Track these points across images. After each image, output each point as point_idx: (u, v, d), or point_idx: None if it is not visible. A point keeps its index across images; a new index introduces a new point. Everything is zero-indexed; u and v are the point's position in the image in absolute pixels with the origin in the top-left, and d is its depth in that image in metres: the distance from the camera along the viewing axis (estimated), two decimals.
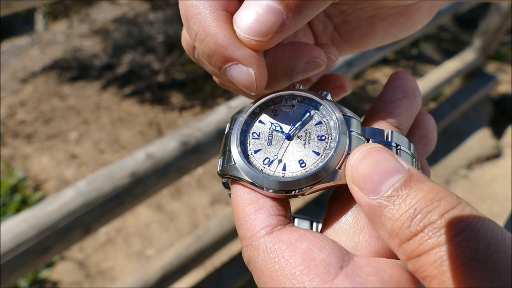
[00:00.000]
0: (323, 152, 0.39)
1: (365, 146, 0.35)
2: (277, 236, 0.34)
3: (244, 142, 0.41)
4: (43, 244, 1.37)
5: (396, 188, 0.31)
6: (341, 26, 0.53)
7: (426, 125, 0.45)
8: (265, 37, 0.36)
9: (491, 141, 3.41)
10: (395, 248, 0.31)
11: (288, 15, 0.35)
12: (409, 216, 0.30)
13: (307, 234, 0.34)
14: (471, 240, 0.28)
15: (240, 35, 0.36)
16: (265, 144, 0.40)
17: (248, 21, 0.36)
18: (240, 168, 0.38)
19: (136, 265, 2.80)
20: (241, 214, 0.37)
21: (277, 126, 0.41)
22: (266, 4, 0.35)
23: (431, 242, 0.29)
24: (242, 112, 0.42)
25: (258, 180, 0.37)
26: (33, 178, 3.55)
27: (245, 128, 0.41)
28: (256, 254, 0.34)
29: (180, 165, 1.65)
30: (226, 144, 0.41)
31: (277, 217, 0.36)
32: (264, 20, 0.35)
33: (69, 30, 5.68)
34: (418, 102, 0.43)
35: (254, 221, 0.36)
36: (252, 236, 0.35)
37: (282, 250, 0.33)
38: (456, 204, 0.30)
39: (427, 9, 0.51)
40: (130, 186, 1.50)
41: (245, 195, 0.38)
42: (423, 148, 0.45)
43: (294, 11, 0.35)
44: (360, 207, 0.34)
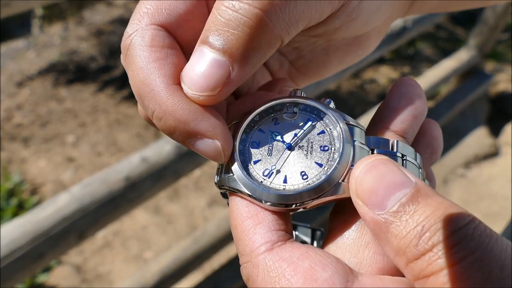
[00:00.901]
0: (326, 164, 0.37)
1: (370, 158, 0.33)
2: (277, 254, 0.33)
3: (243, 152, 0.39)
4: (37, 250, 1.36)
5: (403, 203, 0.30)
6: (296, 61, 0.53)
7: (431, 133, 0.44)
8: (214, 91, 0.35)
9: (488, 140, 3.41)
10: (402, 266, 0.30)
11: (233, 66, 0.35)
12: (417, 233, 0.29)
13: (309, 251, 0.33)
14: (484, 261, 0.26)
15: (188, 92, 0.36)
16: (265, 154, 0.38)
17: (194, 77, 0.35)
18: (239, 180, 0.37)
19: (134, 268, 2.80)
20: (239, 228, 0.35)
21: (278, 135, 0.39)
22: (210, 58, 0.35)
23: (440, 263, 0.27)
24: (242, 120, 0.40)
25: (257, 193, 0.36)
26: (30, 182, 3.54)
27: (244, 137, 0.39)
28: (255, 272, 0.33)
29: (175, 168, 1.64)
30: None
31: (277, 232, 0.35)
32: (210, 74, 0.35)
33: (65, 33, 5.67)
34: (423, 110, 0.41)
35: (254, 236, 0.34)
36: (251, 252, 0.34)
37: (283, 269, 0.32)
38: (468, 222, 0.28)
39: (376, 35, 0.52)
40: (125, 190, 1.49)
41: (244, 208, 0.36)
42: (429, 157, 0.43)
43: (239, 61, 0.35)
44: (365, 222, 0.32)
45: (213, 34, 0.35)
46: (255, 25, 0.34)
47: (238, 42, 0.34)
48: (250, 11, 0.33)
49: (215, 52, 0.35)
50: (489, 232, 0.28)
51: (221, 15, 0.34)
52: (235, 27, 0.34)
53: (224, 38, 0.34)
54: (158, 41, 0.37)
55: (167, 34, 0.38)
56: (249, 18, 0.33)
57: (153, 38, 0.37)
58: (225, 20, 0.34)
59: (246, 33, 0.34)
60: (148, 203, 3.16)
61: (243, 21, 0.33)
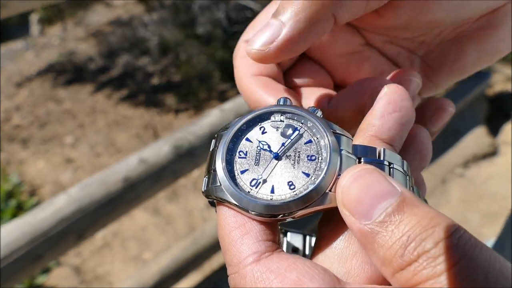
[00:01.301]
0: (313, 174, 0.37)
1: (357, 167, 0.34)
2: (265, 265, 0.33)
3: (230, 162, 0.38)
4: (36, 252, 1.37)
5: (389, 213, 0.30)
6: (427, 56, 0.52)
7: (420, 139, 0.43)
8: (264, 46, 0.40)
9: (487, 139, 3.42)
10: (389, 276, 0.30)
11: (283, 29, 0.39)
12: (403, 244, 0.29)
13: (297, 262, 0.33)
14: (468, 272, 0.27)
15: (250, 52, 0.41)
16: (252, 164, 0.38)
17: (252, 36, 0.42)
18: (226, 190, 0.36)
19: (133, 269, 2.80)
20: (227, 238, 0.35)
21: (265, 145, 0.39)
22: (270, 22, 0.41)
23: (425, 273, 0.27)
24: (228, 129, 0.40)
25: (244, 203, 0.35)
26: (29, 183, 3.54)
27: (231, 146, 0.39)
28: (242, 283, 0.33)
29: (173, 169, 1.64)
30: (211, 162, 0.39)
31: (265, 242, 0.35)
32: (263, 33, 0.40)
33: (64, 34, 5.67)
34: (410, 116, 0.41)
35: (241, 247, 0.34)
36: (238, 263, 0.34)
37: (270, 280, 0.32)
38: (453, 231, 0.28)
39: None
40: (123, 191, 1.50)
41: (231, 218, 0.36)
42: (418, 163, 0.43)
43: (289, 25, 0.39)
44: (352, 232, 0.32)
45: (279, 8, 0.41)
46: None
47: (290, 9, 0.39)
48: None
49: (273, 18, 0.40)
50: (474, 242, 0.28)
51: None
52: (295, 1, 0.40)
53: (286, 9, 0.40)
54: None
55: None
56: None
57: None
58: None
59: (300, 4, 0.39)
60: (147, 204, 3.16)
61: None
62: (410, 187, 0.39)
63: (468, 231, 0.29)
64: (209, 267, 2.65)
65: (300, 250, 0.48)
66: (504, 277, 0.27)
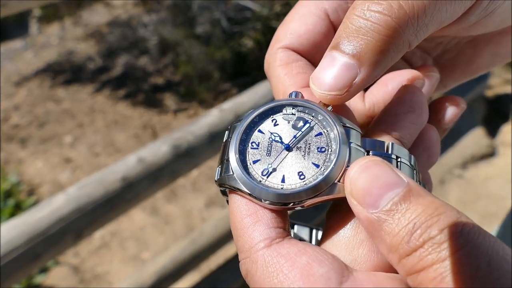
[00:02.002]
0: (322, 165, 0.38)
1: (364, 159, 0.35)
2: (275, 250, 0.34)
3: (243, 152, 0.40)
4: (34, 251, 1.36)
5: (395, 202, 0.31)
6: (442, 57, 0.53)
7: (429, 138, 0.44)
8: (341, 91, 0.38)
9: (485, 140, 3.42)
10: (395, 263, 0.31)
11: (361, 69, 0.37)
12: (409, 231, 0.30)
13: (306, 248, 0.34)
14: (472, 257, 0.28)
15: (316, 92, 0.39)
16: (264, 154, 0.40)
17: (323, 78, 0.38)
18: (238, 179, 0.38)
19: (132, 269, 2.79)
20: (239, 225, 0.36)
21: (277, 136, 0.40)
22: (340, 62, 0.37)
23: (431, 258, 0.28)
24: (241, 120, 0.41)
25: (256, 192, 0.37)
26: (27, 183, 3.53)
27: (244, 137, 0.41)
28: (254, 267, 0.34)
29: (172, 169, 1.64)
30: (225, 153, 0.41)
31: (275, 229, 0.36)
32: (338, 75, 0.37)
33: (63, 33, 5.67)
34: (424, 118, 0.42)
35: (253, 233, 0.35)
36: (250, 248, 0.35)
37: (281, 264, 0.33)
38: (456, 219, 0.29)
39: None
40: (122, 190, 1.50)
41: (243, 206, 0.37)
42: (426, 161, 0.44)
43: (367, 65, 0.37)
44: (359, 221, 0.33)
45: (344, 41, 0.37)
46: (384, 31, 0.36)
47: (367, 47, 0.36)
48: (381, 18, 0.36)
49: (344, 56, 0.37)
50: (477, 229, 0.29)
51: (352, 23, 0.37)
52: (365, 33, 0.36)
53: (354, 44, 0.37)
54: (284, 59, 0.47)
55: (292, 52, 0.47)
56: (379, 24, 0.36)
57: (281, 59, 0.47)
58: (356, 27, 0.37)
59: (376, 38, 0.36)
60: (145, 204, 3.16)
61: (373, 27, 0.36)
62: (418, 181, 0.40)
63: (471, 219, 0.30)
64: (207, 267, 2.64)
65: (307, 240, 0.49)
66: (507, 263, 0.28)
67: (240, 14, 4.50)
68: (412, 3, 0.35)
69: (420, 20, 0.36)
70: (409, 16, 0.35)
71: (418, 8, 0.35)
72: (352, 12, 0.37)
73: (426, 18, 0.36)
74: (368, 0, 0.37)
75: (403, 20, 0.35)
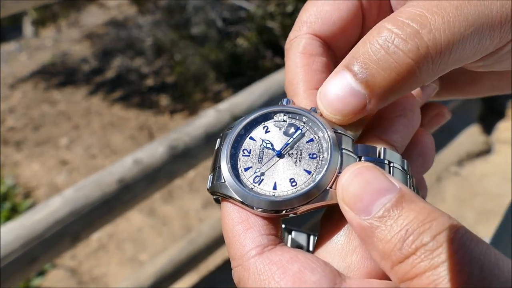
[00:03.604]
0: (314, 171, 0.38)
1: (356, 165, 0.35)
2: (267, 257, 0.34)
3: (234, 159, 0.40)
4: (30, 254, 1.36)
5: (388, 208, 0.31)
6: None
7: (423, 142, 0.44)
8: (345, 117, 0.38)
9: (481, 137, 3.43)
10: (387, 270, 0.31)
11: (370, 100, 0.37)
12: (401, 237, 0.30)
13: (299, 255, 0.34)
14: (464, 264, 0.28)
15: (323, 111, 0.39)
16: (255, 161, 0.40)
17: (331, 99, 0.38)
18: (230, 186, 0.38)
19: (129, 270, 2.79)
20: (230, 233, 0.36)
21: (268, 143, 0.40)
22: (350, 86, 0.37)
23: (423, 265, 0.28)
24: (233, 128, 0.41)
25: (248, 199, 0.37)
26: (23, 186, 3.52)
27: (236, 145, 0.41)
28: (246, 275, 0.34)
29: (169, 170, 1.64)
30: (216, 160, 0.41)
31: (267, 236, 0.35)
32: (346, 101, 0.37)
33: (57, 35, 5.64)
34: (416, 121, 0.42)
35: (244, 241, 0.35)
36: (242, 256, 0.35)
37: (272, 272, 0.33)
38: (448, 225, 0.29)
39: None
40: (118, 192, 1.49)
41: (235, 214, 0.37)
42: (421, 166, 0.44)
43: (377, 98, 0.36)
44: (352, 227, 0.33)
45: (359, 65, 0.36)
46: (402, 72, 0.35)
47: (382, 82, 0.36)
48: (403, 59, 0.35)
49: (357, 82, 0.36)
50: (470, 235, 0.29)
51: (373, 51, 0.36)
52: (384, 68, 0.35)
53: (370, 74, 0.36)
54: (309, 49, 0.43)
55: (321, 43, 0.44)
56: (399, 64, 0.35)
57: (305, 46, 0.44)
58: (376, 58, 0.36)
59: (392, 77, 0.35)
60: (142, 205, 3.15)
61: (393, 66, 0.35)
62: (411, 186, 0.40)
63: (465, 226, 0.30)
64: (205, 268, 2.64)
65: (304, 247, 0.49)
66: (499, 269, 0.28)
67: (235, 14, 4.50)
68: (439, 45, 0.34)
69: (441, 66, 0.36)
70: (432, 60, 0.35)
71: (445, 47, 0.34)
72: (376, 37, 0.36)
73: (447, 64, 0.36)
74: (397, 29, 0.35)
75: (425, 65, 0.35)
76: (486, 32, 0.35)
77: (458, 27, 0.35)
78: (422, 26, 0.35)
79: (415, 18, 0.35)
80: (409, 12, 0.36)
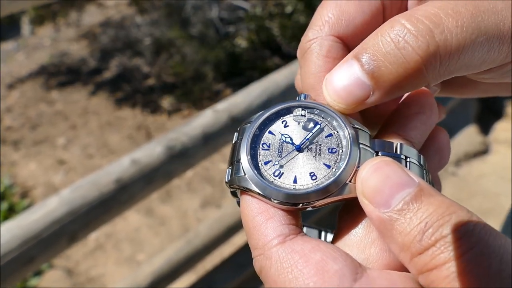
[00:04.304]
0: (334, 165, 0.39)
1: (375, 159, 0.35)
2: (289, 246, 0.34)
3: (254, 153, 0.40)
4: (28, 254, 1.35)
5: (407, 201, 0.31)
6: None
7: (440, 140, 0.45)
8: (348, 106, 0.39)
9: (478, 137, 3.44)
10: (406, 262, 0.31)
11: (374, 92, 0.37)
12: (420, 230, 0.30)
13: (320, 245, 0.34)
14: (484, 256, 0.28)
15: (326, 97, 0.39)
16: (275, 155, 0.40)
17: (335, 86, 0.39)
18: (250, 179, 0.38)
19: (127, 270, 2.78)
20: (251, 223, 0.37)
21: (288, 138, 0.41)
22: (356, 76, 0.37)
23: (443, 257, 0.29)
24: (251, 122, 0.41)
25: (267, 192, 0.37)
26: (21, 185, 3.51)
27: (255, 139, 0.41)
28: (268, 264, 0.34)
29: (166, 170, 1.64)
30: (234, 154, 0.41)
31: (288, 226, 0.36)
32: (351, 91, 0.38)
33: (55, 35, 5.63)
34: (434, 119, 0.43)
35: (266, 231, 0.36)
36: (264, 245, 0.35)
37: (295, 260, 0.33)
38: (468, 218, 0.30)
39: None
40: (116, 192, 1.49)
41: (254, 205, 0.37)
42: (437, 163, 0.45)
43: (381, 91, 0.37)
44: (371, 220, 0.34)
45: (368, 56, 0.37)
46: (409, 69, 0.35)
47: (388, 76, 0.36)
48: (411, 55, 0.35)
49: (363, 72, 0.37)
50: (488, 229, 0.30)
51: (383, 44, 0.36)
52: (391, 62, 0.36)
53: (377, 66, 0.36)
54: (333, 53, 0.42)
55: (343, 46, 0.43)
56: (407, 60, 0.35)
57: (329, 50, 0.42)
58: (385, 51, 0.36)
59: (399, 72, 0.36)
60: (140, 205, 3.15)
61: (401, 61, 0.35)
62: (428, 181, 0.40)
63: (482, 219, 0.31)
64: (203, 268, 2.64)
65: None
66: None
67: (233, 14, 4.50)
68: (449, 46, 0.34)
69: (448, 68, 0.36)
70: (440, 61, 0.35)
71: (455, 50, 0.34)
72: (389, 30, 0.36)
73: (455, 68, 0.36)
74: (409, 25, 0.35)
75: (432, 65, 0.35)
76: (496, 44, 0.36)
77: (471, 33, 0.35)
78: (435, 26, 0.35)
79: (429, 17, 0.35)
80: (425, 10, 0.36)
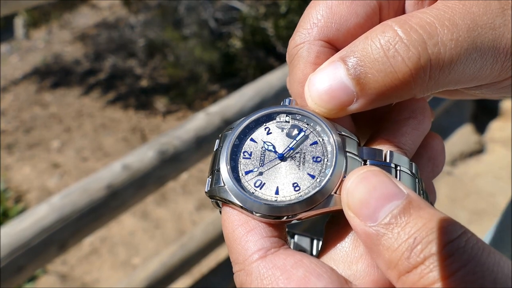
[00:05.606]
0: (318, 175, 0.36)
1: (362, 169, 0.33)
2: (271, 261, 0.32)
3: (235, 162, 0.38)
4: (16, 263, 1.33)
5: (395, 215, 0.29)
6: None
7: (434, 147, 0.43)
8: (330, 110, 0.36)
9: (474, 137, 3.44)
10: (394, 280, 0.30)
11: (358, 99, 0.35)
12: (409, 246, 0.28)
13: (304, 259, 0.32)
14: (476, 275, 0.26)
15: (308, 99, 0.37)
16: (256, 164, 0.38)
17: (318, 88, 0.36)
18: (230, 190, 0.36)
19: (122, 275, 2.76)
20: (231, 236, 0.35)
21: (270, 146, 0.38)
22: (340, 80, 0.35)
23: (432, 276, 0.27)
24: (233, 129, 0.39)
25: (248, 204, 0.35)
26: (15, 189, 3.48)
27: (236, 147, 0.39)
28: (248, 280, 0.33)
29: (158, 175, 1.62)
30: (215, 163, 0.39)
31: (270, 238, 0.34)
32: (334, 95, 0.35)
33: (49, 37, 5.60)
34: (426, 123, 0.40)
35: (246, 244, 0.34)
36: (244, 260, 0.33)
37: (276, 277, 0.31)
38: (460, 234, 0.28)
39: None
40: (107, 199, 1.47)
41: (234, 217, 0.35)
42: (431, 170, 0.43)
43: (366, 98, 0.35)
44: (357, 234, 0.32)
45: (355, 60, 0.34)
46: (396, 80, 0.33)
47: (374, 85, 0.34)
48: (400, 66, 0.33)
49: (349, 77, 0.35)
50: (482, 245, 0.28)
51: (372, 49, 0.34)
52: (379, 70, 0.33)
53: (363, 72, 0.34)
54: (322, 59, 0.39)
55: (333, 51, 0.39)
56: (395, 71, 0.33)
57: (318, 56, 0.39)
58: (373, 57, 0.34)
59: (386, 82, 0.33)
60: (135, 208, 3.13)
61: (389, 70, 0.33)
62: (420, 190, 0.38)
63: (475, 234, 0.29)
64: (198, 271, 2.62)
65: (307, 251, 0.47)
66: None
67: (227, 14, 4.48)
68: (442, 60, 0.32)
69: (437, 83, 0.34)
70: (430, 74, 0.33)
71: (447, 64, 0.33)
72: (380, 35, 0.34)
73: (444, 83, 0.34)
74: (402, 33, 0.33)
75: (421, 78, 0.33)
76: (490, 61, 0.34)
77: (466, 48, 0.33)
78: (429, 37, 0.33)
79: (424, 26, 0.33)
80: (420, 18, 0.34)
